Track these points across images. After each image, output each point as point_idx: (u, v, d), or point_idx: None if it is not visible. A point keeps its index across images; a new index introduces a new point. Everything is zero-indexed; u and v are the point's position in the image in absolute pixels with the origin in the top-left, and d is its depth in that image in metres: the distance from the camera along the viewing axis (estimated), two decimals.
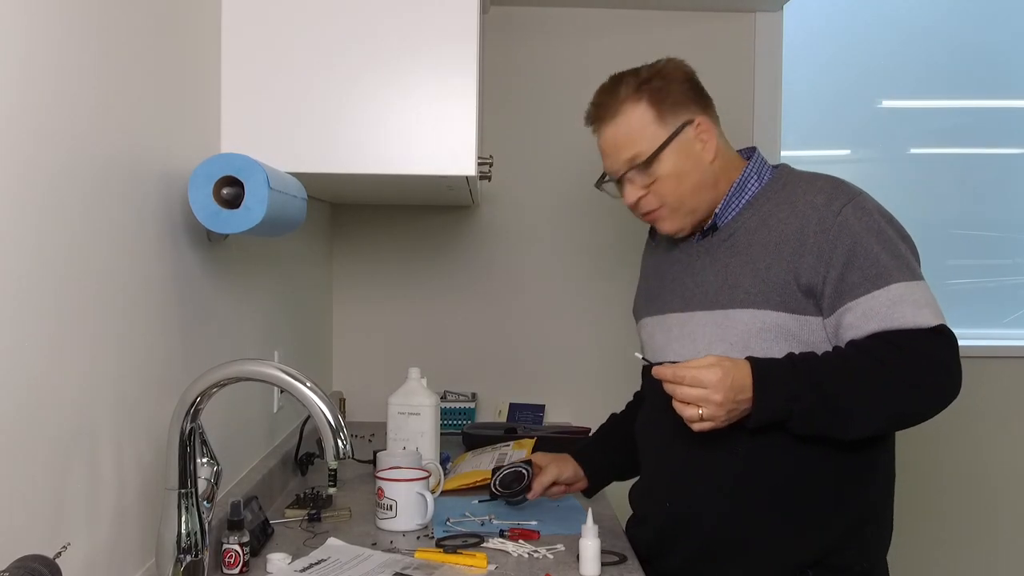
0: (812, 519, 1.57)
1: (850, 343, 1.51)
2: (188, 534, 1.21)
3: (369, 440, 2.50)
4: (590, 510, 1.56)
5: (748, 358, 1.49)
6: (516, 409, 2.79)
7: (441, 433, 2.22)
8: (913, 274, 1.53)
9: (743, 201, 1.65)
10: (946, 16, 3.02)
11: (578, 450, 1.94)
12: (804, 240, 1.55)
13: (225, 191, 1.37)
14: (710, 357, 1.47)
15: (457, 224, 2.87)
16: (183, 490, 1.21)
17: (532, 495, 1.83)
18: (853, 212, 1.55)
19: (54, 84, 1.01)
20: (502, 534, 1.69)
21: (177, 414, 1.21)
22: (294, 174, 1.59)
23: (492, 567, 1.54)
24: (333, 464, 1.97)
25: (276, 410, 2.10)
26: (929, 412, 1.51)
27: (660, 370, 1.49)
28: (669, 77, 1.65)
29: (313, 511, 1.79)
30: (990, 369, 2.93)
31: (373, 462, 2.08)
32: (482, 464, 2.11)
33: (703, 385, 1.44)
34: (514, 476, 1.84)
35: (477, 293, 2.88)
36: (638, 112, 1.63)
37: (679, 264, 1.72)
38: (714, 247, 1.66)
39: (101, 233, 1.13)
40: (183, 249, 1.43)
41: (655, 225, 1.70)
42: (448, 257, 2.88)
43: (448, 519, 1.81)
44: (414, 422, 2.12)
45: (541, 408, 2.80)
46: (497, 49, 2.78)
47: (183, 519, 1.21)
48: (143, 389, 1.28)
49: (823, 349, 1.54)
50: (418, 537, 1.71)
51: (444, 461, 2.18)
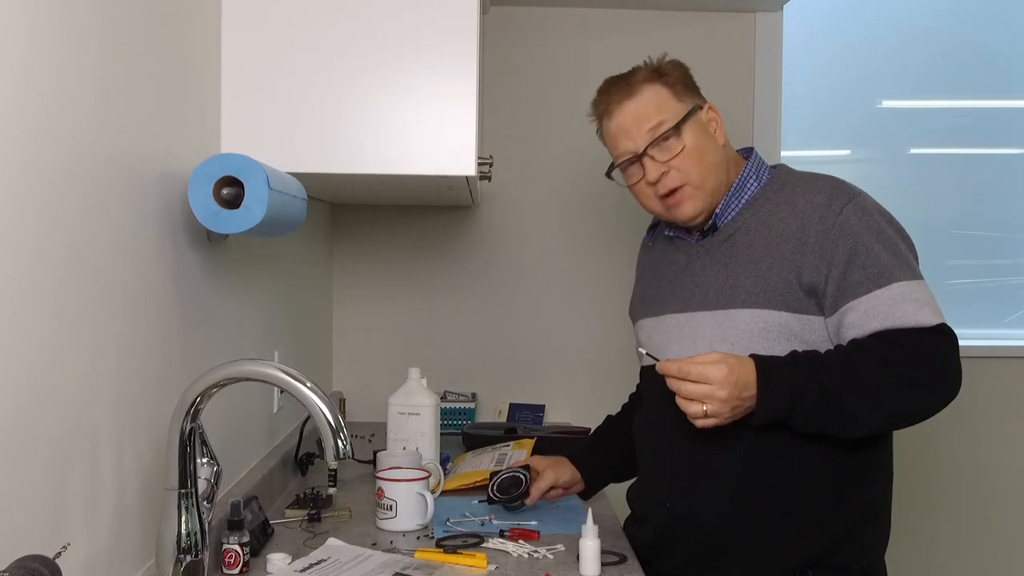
0: (812, 518, 1.57)
1: (852, 342, 1.51)
2: (188, 534, 1.21)
3: (369, 440, 2.50)
4: (590, 510, 1.56)
5: (752, 356, 1.49)
6: (516, 409, 2.79)
7: (441, 433, 2.22)
8: (913, 273, 1.54)
9: (742, 201, 1.65)
10: (946, 16, 3.02)
11: (575, 452, 1.94)
12: (805, 240, 1.55)
13: (225, 191, 1.37)
14: (715, 354, 1.46)
15: (457, 224, 2.87)
16: (183, 490, 1.21)
17: (530, 501, 1.83)
18: (854, 212, 1.55)
19: (54, 84, 1.01)
20: (502, 534, 1.69)
21: (177, 414, 1.21)
22: (294, 174, 1.59)
23: (492, 567, 1.54)
24: (333, 464, 1.97)
25: (276, 410, 2.09)
26: (930, 411, 1.51)
27: (665, 365, 1.48)
28: (676, 66, 1.69)
29: (313, 511, 1.79)
30: (990, 369, 2.93)
31: (373, 462, 2.08)
32: (482, 464, 2.11)
33: (708, 381, 1.43)
34: (512, 481, 1.83)
35: (477, 293, 2.88)
36: (655, 90, 1.65)
37: (677, 265, 1.72)
38: (714, 247, 1.66)
39: (101, 233, 1.13)
40: (183, 249, 1.43)
41: (674, 209, 1.65)
42: (448, 257, 2.87)
43: (448, 519, 1.81)
44: (414, 422, 2.12)
45: (541, 408, 2.80)
46: (497, 49, 2.78)
47: (183, 519, 1.21)
48: (143, 389, 1.28)
49: (824, 348, 1.54)
50: (418, 537, 1.71)
51: (444, 461, 2.18)
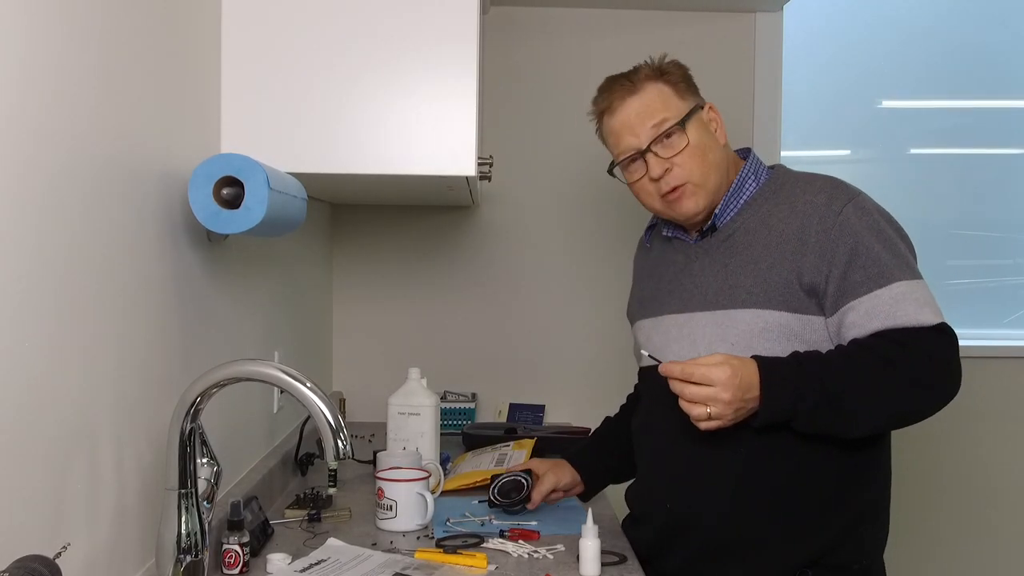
0: (812, 518, 1.57)
1: (853, 341, 1.51)
2: (188, 534, 1.21)
3: (369, 440, 2.50)
4: (590, 510, 1.56)
5: (754, 357, 1.49)
6: (516, 409, 2.79)
7: (441, 433, 2.22)
8: (913, 273, 1.54)
9: (741, 201, 1.66)
10: (946, 16, 3.02)
11: (574, 454, 1.94)
12: (805, 240, 1.55)
13: (225, 191, 1.37)
14: (718, 355, 1.46)
15: (457, 224, 2.87)
16: (183, 490, 1.21)
17: (532, 505, 1.83)
18: (854, 211, 1.55)
19: (54, 84, 1.01)
20: (502, 534, 1.69)
21: (177, 414, 1.21)
22: (294, 174, 1.59)
23: (492, 567, 1.54)
24: (333, 464, 1.97)
25: (276, 410, 2.09)
26: (931, 410, 1.52)
27: (668, 366, 1.48)
28: (676, 67, 1.69)
29: (313, 511, 1.79)
30: (990, 369, 2.93)
31: (373, 462, 2.08)
32: (482, 464, 2.11)
33: (712, 383, 1.43)
34: (513, 485, 1.84)
35: (477, 293, 2.88)
36: (658, 88, 1.66)
37: (675, 266, 1.72)
38: (712, 248, 1.66)
39: (101, 233, 1.13)
40: (183, 249, 1.43)
41: (675, 205, 1.64)
42: (448, 257, 2.87)
43: (448, 519, 1.81)
44: (414, 422, 2.12)
45: (541, 408, 2.80)
46: (497, 49, 2.78)
47: (183, 519, 1.21)
48: (143, 389, 1.28)
49: (825, 348, 1.54)
50: (418, 537, 1.71)
51: (444, 461, 2.18)
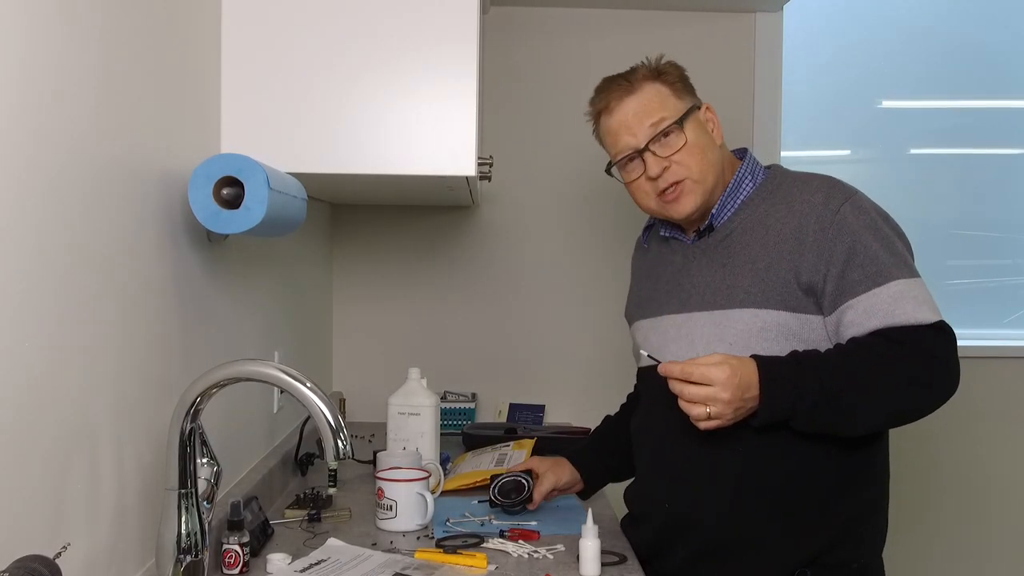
0: (811, 517, 1.57)
1: (852, 340, 1.51)
2: (188, 534, 1.21)
3: (369, 440, 2.50)
4: (590, 510, 1.56)
5: (753, 356, 1.49)
6: (516, 409, 2.79)
7: (441, 433, 2.22)
8: (911, 271, 1.54)
9: (738, 201, 1.66)
10: (946, 16, 3.02)
11: (574, 453, 1.94)
12: (803, 239, 1.55)
13: (225, 191, 1.37)
14: (717, 355, 1.46)
15: (457, 224, 2.87)
16: (183, 490, 1.21)
17: (533, 505, 1.84)
18: (851, 210, 1.55)
19: (54, 84, 1.01)
20: (502, 534, 1.69)
21: (177, 414, 1.21)
22: (294, 174, 1.59)
23: (492, 567, 1.54)
24: (333, 464, 1.97)
25: (276, 410, 2.09)
26: (929, 408, 1.52)
27: (668, 366, 1.48)
28: (673, 68, 1.70)
29: (313, 511, 1.79)
30: (990, 369, 2.93)
31: (373, 462, 2.08)
32: (482, 464, 2.11)
33: (711, 383, 1.44)
34: (513, 485, 1.84)
35: (477, 293, 2.88)
36: (656, 88, 1.66)
37: (673, 266, 1.72)
38: (710, 248, 1.66)
39: (101, 233, 1.13)
40: (183, 249, 1.43)
41: (671, 205, 1.64)
42: (448, 257, 2.87)
43: (448, 519, 1.81)
44: (414, 422, 2.12)
45: (541, 408, 2.80)
46: (497, 49, 2.78)
47: (183, 519, 1.21)
48: (143, 389, 1.28)
49: (823, 347, 1.54)
50: (418, 537, 1.71)
51: (444, 461, 2.18)
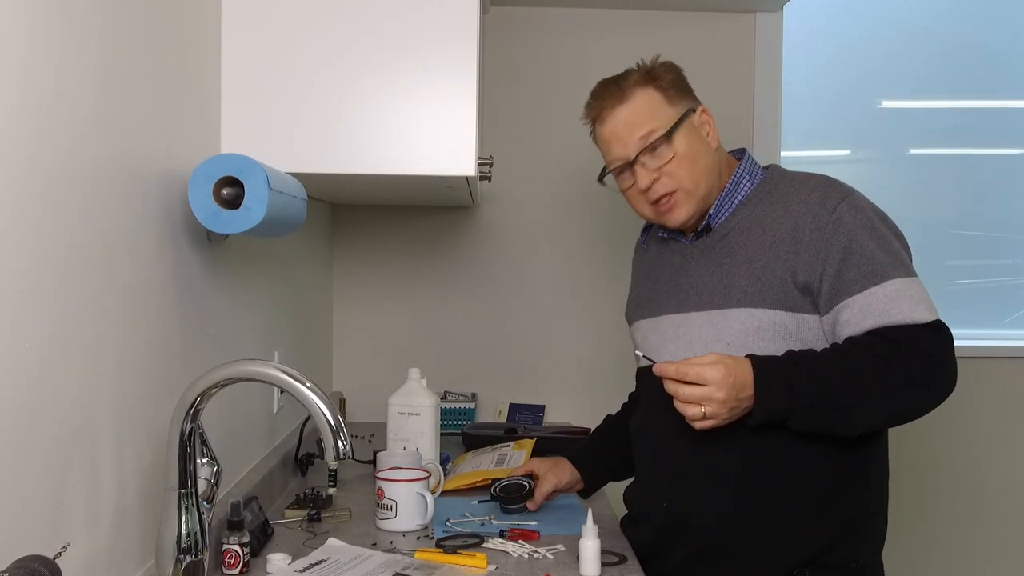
0: (809, 517, 1.57)
1: (848, 340, 1.51)
2: (188, 534, 1.21)
3: (369, 440, 2.50)
4: (590, 510, 1.56)
5: (749, 356, 1.49)
6: (516, 409, 2.79)
7: (441, 433, 2.22)
8: (908, 270, 1.54)
9: (736, 201, 1.66)
10: (946, 16, 3.02)
11: (574, 452, 1.95)
12: (800, 238, 1.55)
13: (225, 191, 1.37)
14: (712, 355, 1.47)
15: (457, 224, 2.87)
16: (183, 490, 1.21)
17: (533, 506, 1.85)
18: (848, 210, 1.55)
19: (54, 84, 1.01)
20: (502, 534, 1.69)
21: (177, 414, 1.21)
22: (294, 174, 1.58)
23: (492, 567, 1.54)
24: (333, 464, 1.97)
25: (276, 410, 2.09)
26: (926, 407, 1.52)
27: (663, 367, 1.48)
28: (669, 68, 1.68)
29: (313, 511, 1.79)
30: (990, 369, 2.93)
31: (373, 462, 2.08)
32: (482, 464, 2.11)
33: (705, 382, 1.44)
34: (516, 488, 1.86)
35: (477, 293, 2.88)
36: (647, 94, 1.65)
37: (672, 266, 1.72)
38: (708, 248, 1.66)
39: (101, 233, 1.13)
40: (183, 249, 1.43)
41: (665, 215, 1.65)
42: (448, 257, 2.87)
43: (448, 519, 1.81)
44: (414, 422, 2.12)
45: (541, 408, 2.80)
46: (497, 49, 2.78)
47: (183, 519, 1.21)
48: (143, 389, 1.28)
49: (820, 347, 1.54)
50: (418, 537, 1.71)
51: (444, 461, 2.18)
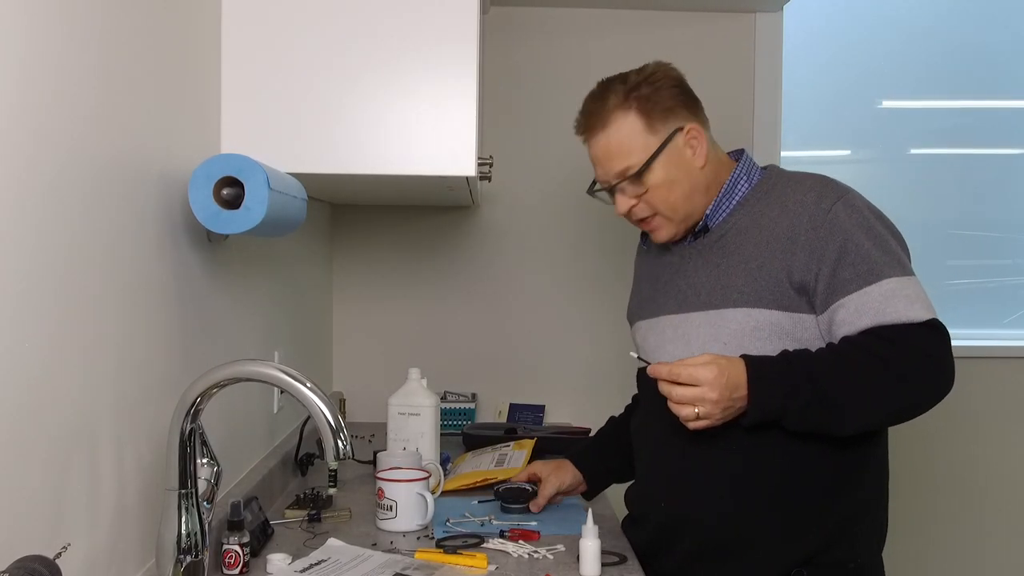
0: (807, 516, 1.57)
1: (844, 339, 1.51)
2: (188, 534, 1.21)
3: (369, 440, 2.50)
4: (590, 510, 1.56)
5: (743, 356, 1.49)
6: (516, 409, 2.79)
7: (441, 433, 2.22)
8: (904, 269, 1.53)
9: (733, 202, 1.66)
10: (946, 16, 3.02)
11: (577, 454, 1.95)
12: (795, 238, 1.55)
13: (225, 191, 1.37)
14: (705, 355, 1.47)
15: (457, 224, 2.87)
16: (183, 490, 1.21)
17: (536, 509, 1.86)
18: (843, 209, 1.55)
19: (54, 84, 1.01)
20: (502, 535, 1.69)
21: (177, 414, 1.21)
22: (294, 174, 1.58)
23: (492, 568, 1.53)
24: (333, 465, 1.97)
25: (276, 410, 2.09)
26: (922, 407, 1.51)
27: (656, 368, 1.49)
28: (658, 83, 1.64)
29: (313, 511, 1.79)
30: (990, 369, 2.93)
31: (373, 462, 2.08)
32: (482, 464, 2.11)
33: (698, 383, 1.44)
34: (519, 492, 1.87)
35: (477, 293, 2.88)
36: (628, 122, 1.62)
37: (671, 267, 1.73)
38: (706, 248, 1.66)
39: (101, 233, 1.13)
40: (183, 249, 1.43)
41: (650, 233, 1.70)
42: (448, 257, 2.87)
43: (448, 519, 1.81)
44: (414, 422, 2.12)
45: (541, 408, 2.80)
46: (497, 49, 2.78)
47: (183, 519, 1.21)
48: (143, 389, 1.28)
49: (816, 346, 1.54)
50: (418, 538, 1.71)
51: (444, 461, 2.18)
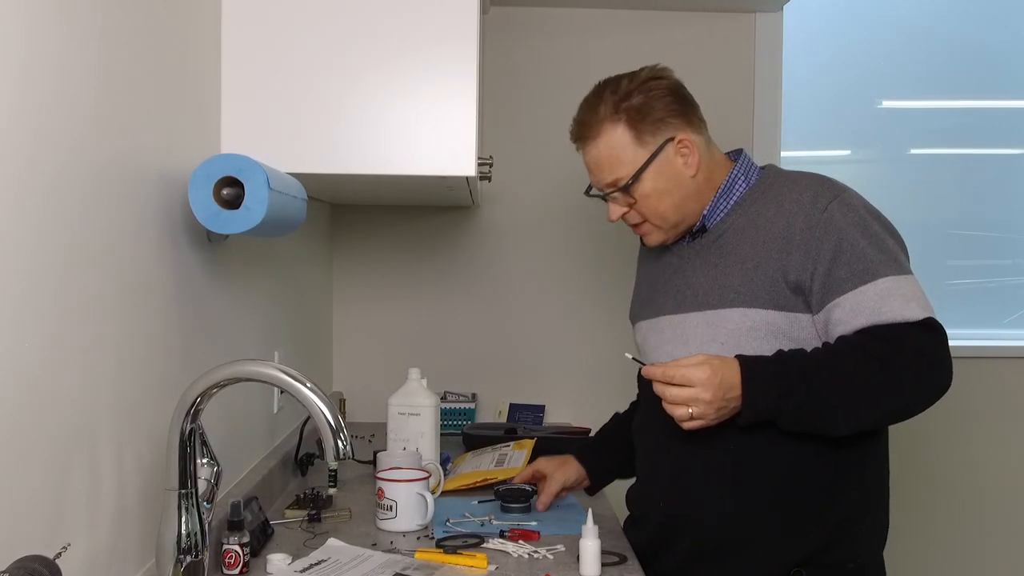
0: (805, 516, 1.57)
1: (839, 339, 1.51)
2: (188, 534, 1.21)
3: (369, 441, 2.50)
4: (590, 510, 1.56)
5: (737, 356, 1.49)
6: (516, 409, 2.79)
7: (441, 433, 2.22)
8: (901, 268, 1.53)
9: (731, 202, 1.66)
10: (946, 16, 3.02)
11: (580, 449, 1.96)
12: (791, 238, 1.55)
13: (225, 191, 1.37)
14: (699, 356, 1.48)
15: (457, 224, 2.87)
16: (183, 491, 1.21)
17: (542, 507, 1.86)
18: (839, 208, 1.55)
19: (54, 84, 1.01)
20: (502, 535, 1.69)
21: (177, 414, 1.21)
22: (294, 174, 1.58)
23: (492, 568, 1.53)
24: (333, 465, 1.97)
25: (276, 410, 2.09)
26: (919, 406, 1.51)
27: (649, 369, 1.50)
28: (651, 92, 1.62)
29: (313, 511, 1.79)
30: (990, 369, 2.93)
31: (373, 463, 2.08)
32: (482, 464, 2.11)
33: (692, 384, 1.45)
34: (519, 492, 1.88)
35: (477, 293, 2.88)
36: (617, 134, 1.62)
37: (670, 267, 1.73)
38: (704, 248, 1.67)
39: (101, 233, 1.13)
40: (183, 249, 1.43)
41: (642, 237, 1.73)
42: (448, 257, 2.87)
43: (448, 519, 1.81)
44: (414, 422, 2.12)
45: (541, 408, 2.80)
46: (497, 49, 2.78)
47: (183, 519, 1.21)
48: (143, 389, 1.28)
49: (813, 346, 1.54)
50: (418, 538, 1.71)
51: (444, 461, 2.18)
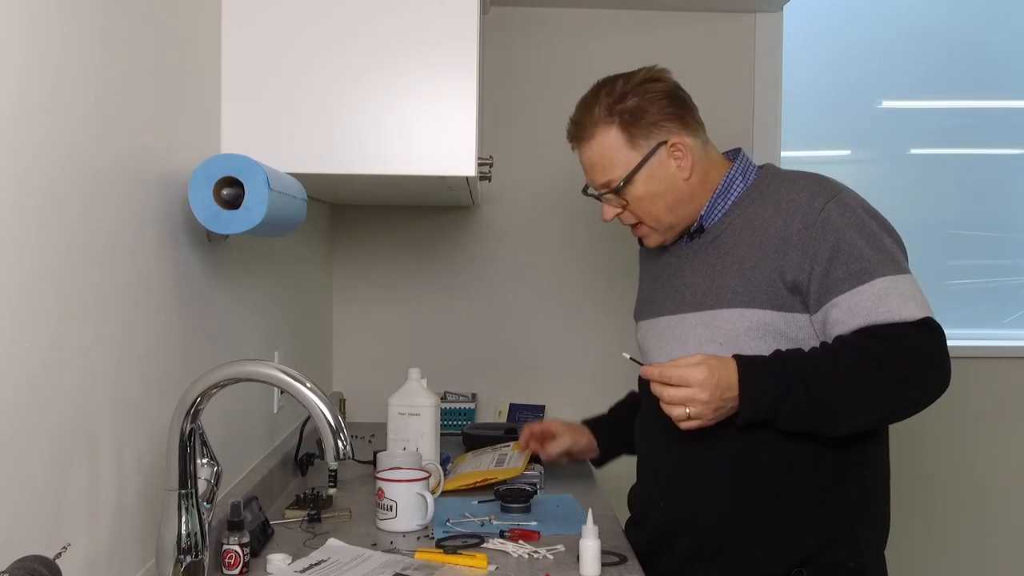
0: (805, 516, 1.57)
1: (837, 339, 1.51)
2: (188, 535, 1.21)
3: (369, 441, 2.50)
4: (590, 510, 1.56)
5: (735, 356, 1.50)
6: (516, 409, 2.79)
7: (441, 433, 2.22)
8: (898, 268, 1.52)
9: (729, 202, 1.66)
10: (946, 16, 3.02)
11: (592, 421, 2.03)
12: (788, 238, 1.55)
13: (225, 192, 1.37)
14: (696, 356, 1.48)
15: (457, 224, 2.87)
16: (183, 491, 1.21)
17: (546, 457, 1.94)
18: (836, 208, 1.55)
19: (54, 84, 1.01)
20: (502, 535, 1.69)
21: (177, 415, 1.21)
22: (294, 174, 1.59)
23: (492, 568, 1.53)
24: (333, 465, 1.97)
25: (276, 410, 2.09)
26: (917, 406, 1.50)
27: (647, 370, 1.51)
28: (647, 94, 1.63)
29: (313, 512, 1.79)
30: (990, 369, 2.93)
31: (373, 463, 2.08)
32: (482, 464, 2.11)
33: (689, 384, 1.45)
34: (519, 491, 1.88)
35: (477, 293, 2.88)
36: (610, 136, 1.63)
37: (669, 268, 1.74)
38: (702, 249, 1.67)
39: (101, 233, 1.13)
40: (183, 249, 1.43)
41: (640, 238, 1.74)
42: (448, 257, 2.87)
43: (448, 520, 1.81)
44: (414, 423, 2.12)
45: (541, 408, 2.80)
46: (497, 49, 2.78)
47: (183, 520, 1.21)
48: (143, 389, 1.28)
49: (811, 346, 1.54)
50: (418, 538, 1.71)
51: (444, 462, 2.18)
